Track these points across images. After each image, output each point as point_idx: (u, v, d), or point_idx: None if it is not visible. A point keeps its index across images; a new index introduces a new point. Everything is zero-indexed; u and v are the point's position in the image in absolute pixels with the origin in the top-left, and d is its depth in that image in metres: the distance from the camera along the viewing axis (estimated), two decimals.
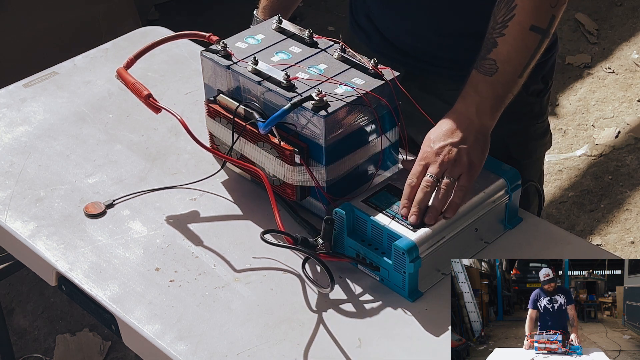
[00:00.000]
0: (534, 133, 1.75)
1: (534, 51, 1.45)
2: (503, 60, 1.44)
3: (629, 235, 2.90)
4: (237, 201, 1.61)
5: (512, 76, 1.45)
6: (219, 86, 1.58)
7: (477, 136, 1.43)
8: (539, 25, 1.44)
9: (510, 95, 1.47)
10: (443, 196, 1.41)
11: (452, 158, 1.41)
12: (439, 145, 1.42)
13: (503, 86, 1.45)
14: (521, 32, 1.44)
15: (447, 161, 1.41)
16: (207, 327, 1.38)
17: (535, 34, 1.44)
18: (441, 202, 1.41)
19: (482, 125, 1.45)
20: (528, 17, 1.43)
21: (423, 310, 1.40)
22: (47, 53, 2.92)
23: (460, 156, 1.41)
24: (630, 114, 3.37)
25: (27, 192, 1.64)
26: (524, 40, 1.44)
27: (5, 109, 1.85)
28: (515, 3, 1.44)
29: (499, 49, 1.44)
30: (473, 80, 1.46)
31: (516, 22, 1.43)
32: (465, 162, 1.41)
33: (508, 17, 1.44)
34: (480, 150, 1.44)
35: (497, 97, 1.45)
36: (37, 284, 2.73)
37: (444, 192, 1.40)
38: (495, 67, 1.44)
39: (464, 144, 1.42)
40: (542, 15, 1.44)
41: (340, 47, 1.56)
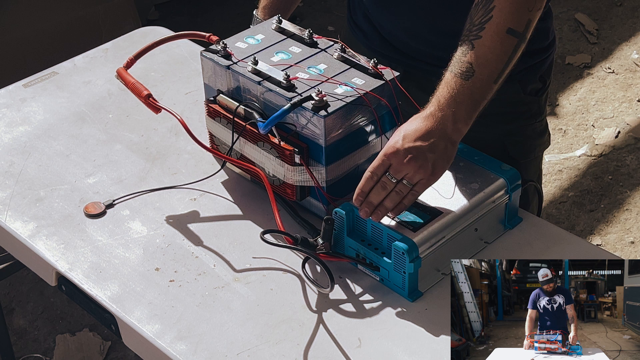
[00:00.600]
0: (532, 132, 1.75)
1: (510, 55, 1.42)
2: (480, 64, 1.40)
3: (629, 235, 2.90)
4: (237, 201, 1.61)
5: (488, 81, 1.42)
6: (219, 86, 1.58)
7: (447, 145, 1.40)
8: (515, 29, 1.41)
9: (485, 101, 1.43)
10: (395, 199, 1.40)
11: (417, 164, 1.38)
12: (408, 146, 1.39)
13: (479, 91, 1.41)
14: (498, 34, 1.40)
15: (411, 166, 1.38)
16: (207, 327, 1.38)
17: (512, 38, 1.41)
18: (391, 203, 1.40)
19: (455, 132, 1.41)
20: (506, 19, 1.40)
21: (423, 310, 1.40)
22: (47, 53, 2.93)
23: (426, 163, 1.38)
24: (630, 114, 3.37)
25: (27, 192, 1.64)
26: (502, 43, 1.41)
27: (5, 109, 1.85)
28: (493, 4, 1.41)
29: (475, 52, 1.41)
30: (449, 83, 1.41)
31: (494, 24, 1.40)
32: (429, 170, 1.39)
33: (485, 19, 1.41)
34: (447, 160, 1.41)
35: (473, 103, 1.41)
36: (37, 284, 2.73)
37: (396, 196, 1.40)
38: (472, 71, 1.41)
39: (432, 152, 1.39)
40: (520, 18, 1.41)
41: (340, 47, 1.56)
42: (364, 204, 1.41)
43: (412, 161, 1.38)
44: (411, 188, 1.40)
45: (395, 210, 1.41)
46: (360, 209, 1.42)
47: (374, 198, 1.41)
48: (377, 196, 1.40)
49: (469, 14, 1.45)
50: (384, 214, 1.41)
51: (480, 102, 1.42)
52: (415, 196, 1.41)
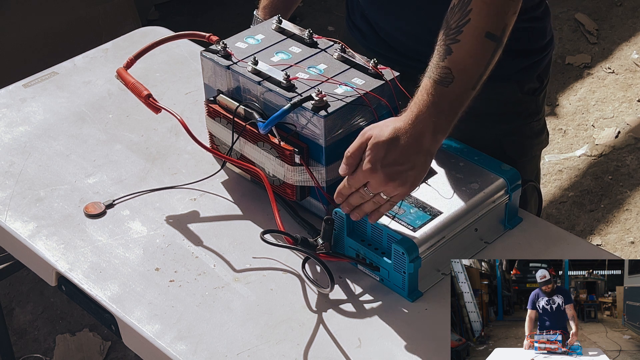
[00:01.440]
0: (530, 132, 1.75)
1: (488, 60, 1.37)
2: (459, 70, 1.35)
3: (629, 235, 2.90)
4: (237, 201, 1.61)
5: (467, 87, 1.36)
6: (219, 86, 1.58)
7: (426, 159, 1.36)
8: (494, 33, 1.36)
9: (462, 109, 1.38)
10: (372, 206, 1.39)
11: (396, 184, 1.35)
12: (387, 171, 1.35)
13: (459, 98, 1.36)
14: (477, 38, 1.35)
15: (390, 184, 1.35)
16: (207, 327, 1.38)
17: (490, 42, 1.36)
18: (369, 209, 1.40)
19: (434, 144, 1.36)
20: (484, 22, 1.35)
21: (423, 310, 1.40)
22: (47, 53, 2.93)
23: (405, 182, 1.35)
24: (630, 114, 3.37)
25: (27, 192, 1.64)
26: (481, 48, 1.36)
27: (5, 109, 1.85)
28: (470, 7, 1.36)
29: (454, 57, 1.35)
30: (428, 90, 1.36)
31: (472, 27, 1.35)
32: (408, 186, 1.36)
33: (463, 21, 1.36)
34: (423, 172, 1.38)
35: (453, 111, 1.36)
36: (37, 284, 2.73)
37: (373, 205, 1.39)
38: (452, 77, 1.35)
39: (411, 169, 1.35)
40: (497, 22, 1.36)
41: (340, 47, 1.56)
42: (344, 204, 1.42)
43: (390, 182, 1.35)
44: (388, 199, 1.38)
45: (373, 217, 1.41)
46: (341, 207, 1.43)
47: (353, 201, 1.40)
48: (355, 201, 1.40)
49: (445, 17, 1.40)
50: (360, 216, 1.42)
51: (459, 110, 1.38)
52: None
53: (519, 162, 1.70)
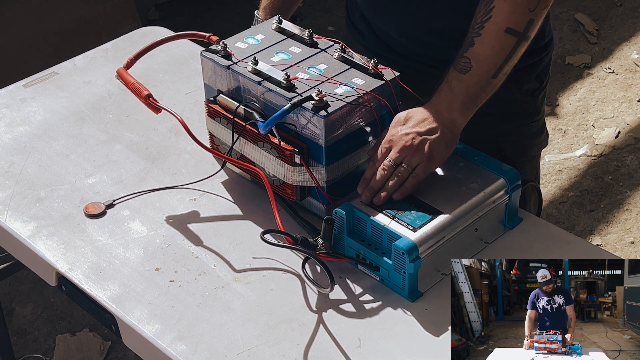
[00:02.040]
0: (529, 132, 1.76)
1: (509, 53, 1.47)
2: (477, 60, 1.47)
3: (629, 235, 2.90)
4: (237, 201, 1.61)
5: (485, 76, 1.48)
6: (219, 86, 1.58)
7: (444, 130, 1.46)
8: (515, 28, 1.46)
9: (484, 95, 1.49)
10: (395, 184, 1.44)
11: (415, 147, 1.44)
12: (405, 131, 1.45)
13: (476, 85, 1.47)
14: (497, 33, 1.46)
15: (409, 148, 1.44)
16: (207, 327, 1.38)
17: (511, 37, 1.46)
18: (392, 187, 1.44)
19: (452, 121, 1.47)
20: (504, 19, 1.45)
21: (423, 310, 1.40)
22: (47, 53, 2.93)
23: (423, 146, 1.44)
24: (630, 114, 3.37)
25: (27, 192, 1.64)
26: (500, 42, 1.46)
27: (5, 109, 1.85)
28: (493, 5, 1.46)
29: (475, 49, 1.47)
30: (448, 76, 1.49)
31: (492, 23, 1.46)
32: (427, 152, 1.44)
33: (486, 18, 1.46)
34: (445, 145, 1.46)
35: (469, 95, 1.47)
36: (37, 284, 2.73)
37: (397, 179, 1.44)
38: (470, 66, 1.47)
39: (429, 135, 1.45)
40: (519, 18, 1.46)
41: (340, 47, 1.56)
42: (365, 190, 1.45)
43: (409, 144, 1.44)
44: (411, 171, 1.44)
45: (398, 193, 1.44)
46: (361, 195, 1.45)
47: (375, 183, 1.45)
48: (378, 182, 1.45)
49: (475, 12, 1.49)
50: (386, 198, 1.44)
51: (477, 96, 1.48)
52: (416, 180, 1.45)
53: (518, 162, 1.70)
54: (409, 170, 1.44)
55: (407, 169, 1.44)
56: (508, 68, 1.49)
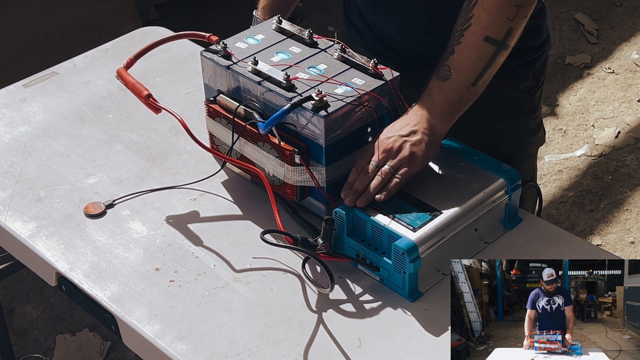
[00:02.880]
0: (526, 130, 1.76)
1: (488, 62, 1.48)
2: (457, 68, 1.48)
3: (629, 235, 2.90)
4: (237, 201, 1.61)
5: (464, 84, 1.49)
6: (219, 86, 1.58)
7: (424, 133, 1.47)
8: (493, 37, 1.47)
9: (464, 102, 1.50)
10: (377, 185, 1.45)
11: (395, 149, 1.46)
12: (387, 135, 1.48)
13: (455, 92, 1.49)
14: (475, 42, 1.47)
15: (390, 150, 1.46)
16: (207, 327, 1.38)
17: (490, 45, 1.47)
18: (375, 189, 1.45)
19: (432, 126, 1.48)
20: (483, 27, 1.46)
21: (423, 310, 1.40)
22: (47, 53, 2.93)
23: (404, 148, 1.46)
24: (630, 114, 3.37)
25: (27, 192, 1.64)
26: (478, 50, 1.47)
27: (5, 109, 1.85)
28: (472, 13, 1.47)
29: (454, 57, 1.49)
30: (430, 84, 1.51)
31: (471, 32, 1.47)
32: (407, 154, 1.46)
33: (465, 26, 1.48)
34: (426, 146, 1.47)
35: (448, 103, 1.49)
36: (37, 284, 2.73)
37: (380, 180, 1.45)
38: (449, 74, 1.49)
39: (409, 137, 1.47)
40: (498, 27, 1.47)
41: (340, 47, 1.56)
42: (347, 193, 1.46)
43: (390, 147, 1.46)
44: (394, 173, 1.45)
45: (381, 194, 1.45)
46: (344, 198, 1.46)
47: (358, 185, 1.46)
48: (361, 183, 1.46)
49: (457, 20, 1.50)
50: (368, 199, 1.45)
51: (457, 104, 1.50)
52: (399, 181, 1.46)
53: (515, 159, 1.70)
54: (392, 172, 1.46)
55: (390, 171, 1.45)
56: (488, 76, 1.50)
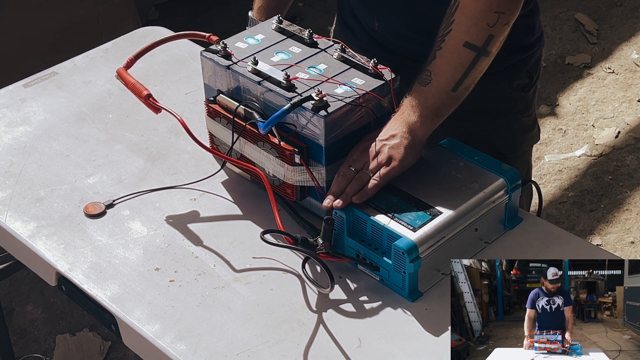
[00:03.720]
0: (520, 127, 1.76)
1: (468, 67, 1.48)
2: (437, 73, 1.49)
3: (629, 235, 2.90)
4: (237, 201, 1.61)
5: (444, 89, 1.49)
6: (219, 86, 1.58)
7: (403, 136, 1.48)
8: (473, 43, 1.47)
9: (445, 107, 1.51)
10: (356, 186, 1.46)
11: (374, 152, 1.47)
12: (368, 141, 1.49)
13: (434, 97, 1.49)
14: (455, 47, 1.48)
15: (368, 155, 1.47)
16: (207, 327, 1.38)
17: (469, 51, 1.47)
18: (352, 191, 1.46)
19: (411, 131, 1.48)
20: (463, 33, 1.47)
21: (423, 310, 1.40)
22: (47, 53, 2.93)
23: (382, 151, 1.47)
24: (630, 114, 3.37)
25: (27, 192, 1.64)
26: (458, 56, 1.48)
27: (5, 109, 1.85)
28: (453, 19, 1.48)
29: (435, 62, 1.49)
30: (412, 88, 1.51)
31: (452, 37, 1.48)
32: (385, 157, 1.46)
33: (446, 31, 1.48)
34: (404, 149, 1.47)
35: (427, 107, 1.49)
36: (37, 284, 2.73)
37: (356, 182, 1.46)
38: (430, 79, 1.49)
39: (388, 141, 1.47)
40: (478, 33, 1.47)
41: (340, 47, 1.56)
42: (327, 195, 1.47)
43: (367, 150, 1.47)
44: (372, 176, 1.45)
45: (357, 196, 1.45)
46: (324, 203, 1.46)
47: (335, 187, 1.46)
48: (338, 186, 1.46)
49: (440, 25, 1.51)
50: (346, 201, 1.45)
51: (438, 108, 1.50)
52: (376, 183, 1.46)
53: (509, 157, 1.71)
54: (369, 175, 1.46)
55: (368, 174, 1.46)
56: (469, 82, 1.50)
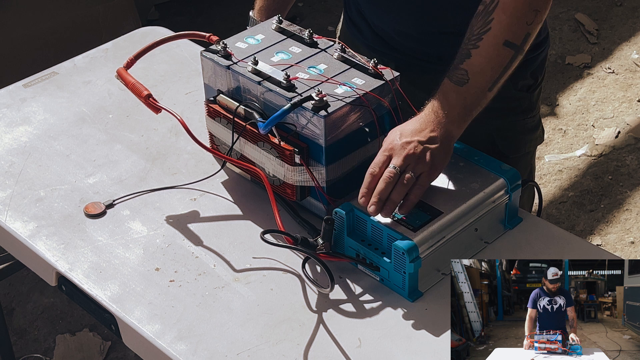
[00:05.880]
0: (523, 128, 1.76)
1: (505, 66, 1.47)
2: (475, 72, 1.46)
3: (629, 235, 2.90)
4: (237, 201, 1.61)
5: (481, 88, 1.47)
6: (219, 86, 1.58)
7: (442, 140, 1.44)
8: (513, 41, 1.45)
9: (479, 107, 1.48)
10: (402, 190, 1.41)
11: (417, 155, 1.42)
12: (406, 139, 1.43)
13: (472, 97, 1.47)
14: (495, 46, 1.45)
15: (412, 156, 1.42)
16: (207, 327, 1.38)
17: (508, 50, 1.46)
18: (399, 196, 1.41)
19: (448, 132, 1.45)
20: (503, 32, 1.45)
21: (423, 310, 1.40)
22: (47, 53, 2.93)
23: (425, 154, 1.42)
24: (630, 114, 3.37)
25: (27, 192, 1.64)
26: (497, 55, 1.46)
27: (5, 109, 1.85)
28: (492, 17, 1.45)
29: (471, 61, 1.46)
30: (444, 87, 1.47)
31: (491, 35, 1.45)
32: (429, 161, 1.42)
33: (484, 30, 1.46)
34: (444, 154, 1.45)
35: (465, 107, 1.46)
36: (37, 284, 2.73)
37: (403, 187, 1.41)
38: (467, 78, 1.46)
39: (430, 144, 1.43)
40: (518, 32, 1.46)
41: (340, 47, 1.56)
42: (372, 200, 1.41)
43: (412, 152, 1.41)
44: (416, 180, 1.41)
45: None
46: (368, 206, 1.41)
47: (381, 192, 1.41)
48: (384, 189, 1.41)
49: (470, 23, 1.48)
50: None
51: (473, 108, 1.47)
52: (420, 190, 1.42)
53: (512, 157, 1.71)
54: (414, 178, 1.42)
55: (413, 177, 1.41)
56: (502, 81, 1.48)
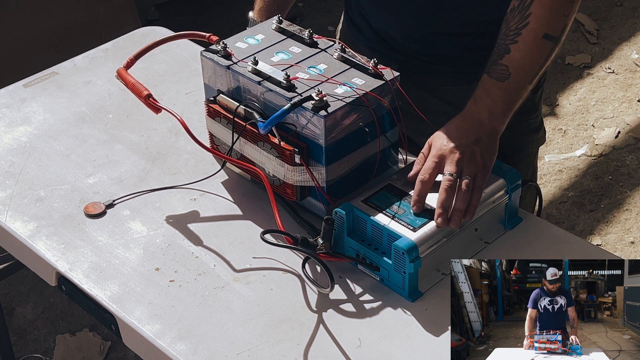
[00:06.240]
0: (526, 128, 1.76)
1: (545, 58, 1.48)
2: (516, 67, 1.46)
3: (629, 235, 2.90)
4: (237, 201, 1.61)
5: (523, 82, 1.48)
6: (219, 86, 1.58)
7: (489, 138, 1.46)
8: (552, 34, 1.47)
9: (520, 100, 1.50)
10: (465, 197, 1.41)
11: (467, 157, 1.42)
12: (454, 144, 1.43)
13: (514, 92, 1.48)
14: (535, 39, 1.46)
15: (463, 160, 1.42)
16: (207, 327, 1.38)
17: (548, 42, 1.47)
18: (463, 204, 1.40)
19: (493, 129, 1.47)
20: (542, 25, 1.46)
21: (423, 310, 1.40)
22: (47, 53, 2.93)
23: (475, 156, 1.43)
24: (630, 114, 3.37)
25: (27, 192, 1.64)
26: (537, 48, 1.47)
27: (5, 109, 1.85)
28: (529, 11, 1.46)
29: (511, 56, 1.46)
30: (485, 84, 1.48)
31: (530, 29, 1.46)
32: (480, 162, 1.43)
33: (522, 24, 1.46)
34: (492, 152, 1.46)
35: (508, 102, 1.48)
36: (37, 284, 2.73)
37: (465, 193, 1.41)
38: (508, 73, 1.47)
39: (477, 145, 1.44)
40: (556, 24, 1.47)
41: (340, 47, 1.56)
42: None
43: (462, 156, 1.42)
44: (472, 182, 1.41)
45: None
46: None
47: (444, 202, 1.40)
48: (447, 198, 1.40)
49: (505, 18, 1.48)
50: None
51: (515, 102, 1.49)
52: (479, 192, 1.42)
53: (514, 158, 1.70)
54: (472, 182, 1.41)
55: (470, 181, 1.41)
56: (541, 73, 1.50)
